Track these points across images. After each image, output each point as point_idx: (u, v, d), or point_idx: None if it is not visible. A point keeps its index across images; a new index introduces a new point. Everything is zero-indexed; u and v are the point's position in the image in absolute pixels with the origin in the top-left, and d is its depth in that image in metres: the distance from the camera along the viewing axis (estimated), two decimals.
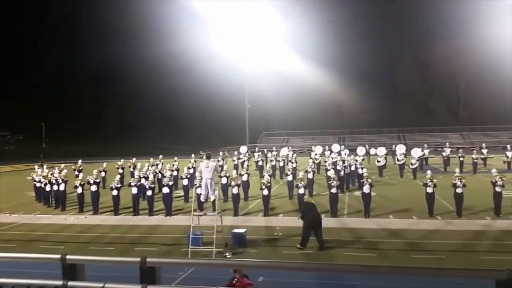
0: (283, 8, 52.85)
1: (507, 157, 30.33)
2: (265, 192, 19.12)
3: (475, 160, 30.27)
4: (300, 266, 2.58)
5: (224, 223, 14.82)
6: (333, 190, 18.54)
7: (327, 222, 17.64)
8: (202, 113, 66.50)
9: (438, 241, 14.46)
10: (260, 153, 34.34)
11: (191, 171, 24.96)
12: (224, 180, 22.12)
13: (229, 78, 57.66)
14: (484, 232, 15.49)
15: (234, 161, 32.24)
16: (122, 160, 29.69)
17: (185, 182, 23.14)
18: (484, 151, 32.47)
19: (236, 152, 34.73)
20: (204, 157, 14.63)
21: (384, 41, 60.83)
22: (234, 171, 23.21)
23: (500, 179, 17.66)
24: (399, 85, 65.08)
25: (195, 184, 19.06)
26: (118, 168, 28.11)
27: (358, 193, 20.53)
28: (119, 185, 20.75)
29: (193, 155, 29.40)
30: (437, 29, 56.86)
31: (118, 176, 24.17)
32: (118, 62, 64.60)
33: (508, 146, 32.57)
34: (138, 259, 2.96)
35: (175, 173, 26.14)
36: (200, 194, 14.82)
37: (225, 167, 24.48)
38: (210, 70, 58.49)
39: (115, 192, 20.31)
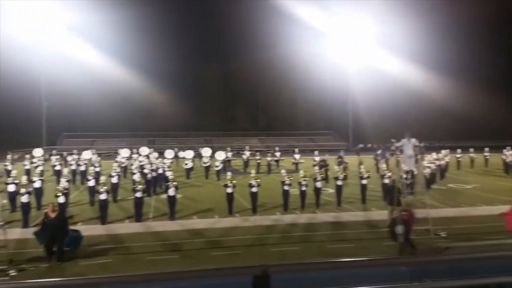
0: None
1: (295, 159, 34.81)
2: (61, 199, 17.45)
3: (270, 162, 34.02)
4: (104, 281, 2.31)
5: (11, 236, 13.07)
6: (138, 194, 18.16)
7: (131, 227, 17.24)
8: None
9: (235, 237, 15.61)
10: (58, 157, 31.22)
11: None
12: (11, 188, 19.30)
13: (23, 70, 50.32)
14: (274, 226, 17.40)
15: (25, 165, 28.42)
16: None
17: None
18: (277, 154, 36.93)
19: (28, 156, 30.63)
20: None
21: (191, 46, 62.45)
22: (25, 177, 20.46)
23: (288, 179, 20.15)
24: (205, 90, 67.98)
25: None
26: None
27: (164, 196, 20.57)
28: None
29: None
30: (242, 40, 61.21)
31: None
32: None
33: (296, 150, 37.61)
34: None
35: None
36: None
37: (13, 173, 21.42)
38: None
39: None
